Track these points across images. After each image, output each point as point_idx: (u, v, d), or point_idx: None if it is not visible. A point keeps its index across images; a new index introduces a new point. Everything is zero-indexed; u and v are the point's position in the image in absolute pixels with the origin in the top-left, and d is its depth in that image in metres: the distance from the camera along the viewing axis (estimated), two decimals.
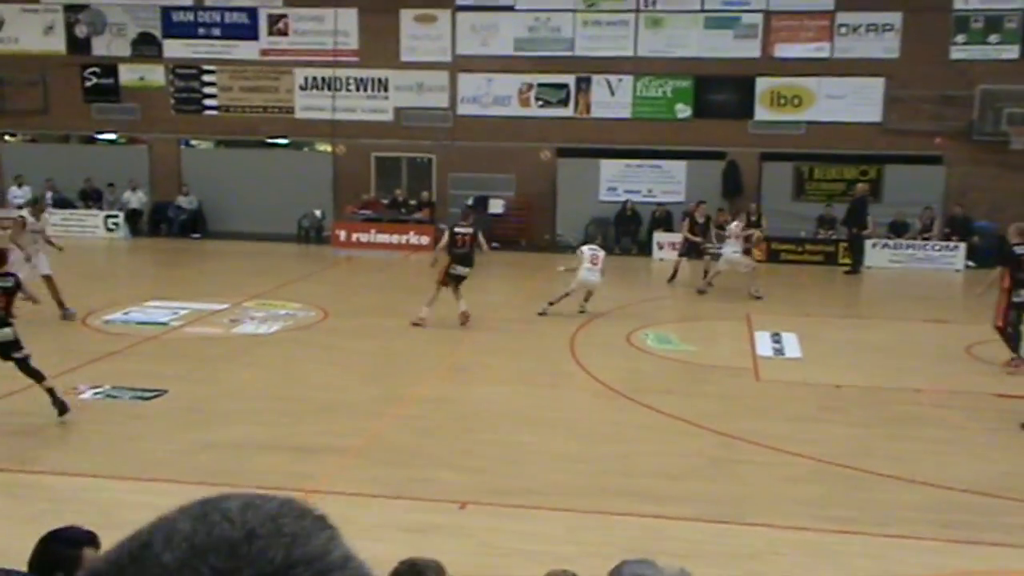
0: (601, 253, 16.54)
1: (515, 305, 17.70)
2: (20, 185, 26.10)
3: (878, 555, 7.54)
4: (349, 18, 25.97)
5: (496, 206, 25.47)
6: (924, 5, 23.59)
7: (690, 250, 20.59)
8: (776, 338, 14.92)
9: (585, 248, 16.76)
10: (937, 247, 22.65)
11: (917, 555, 7.53)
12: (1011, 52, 23.46)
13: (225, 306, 16.52)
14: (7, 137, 28.28)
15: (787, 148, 24.69)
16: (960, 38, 23.64)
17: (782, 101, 24.58)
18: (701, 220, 20.73)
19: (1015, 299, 13.19)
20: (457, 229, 15.73)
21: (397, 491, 8.48)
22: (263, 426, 10.23)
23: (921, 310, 17.55)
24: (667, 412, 11.02)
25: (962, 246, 22.47)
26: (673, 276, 20.46)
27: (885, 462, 9.46)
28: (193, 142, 27.78)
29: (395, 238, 24.74)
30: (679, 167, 25.11)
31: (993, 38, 23.49)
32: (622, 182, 25.32)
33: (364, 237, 24.91)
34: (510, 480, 8.84)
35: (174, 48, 26.78)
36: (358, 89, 26.29)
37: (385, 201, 25.97)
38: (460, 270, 15.57)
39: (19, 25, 27.14)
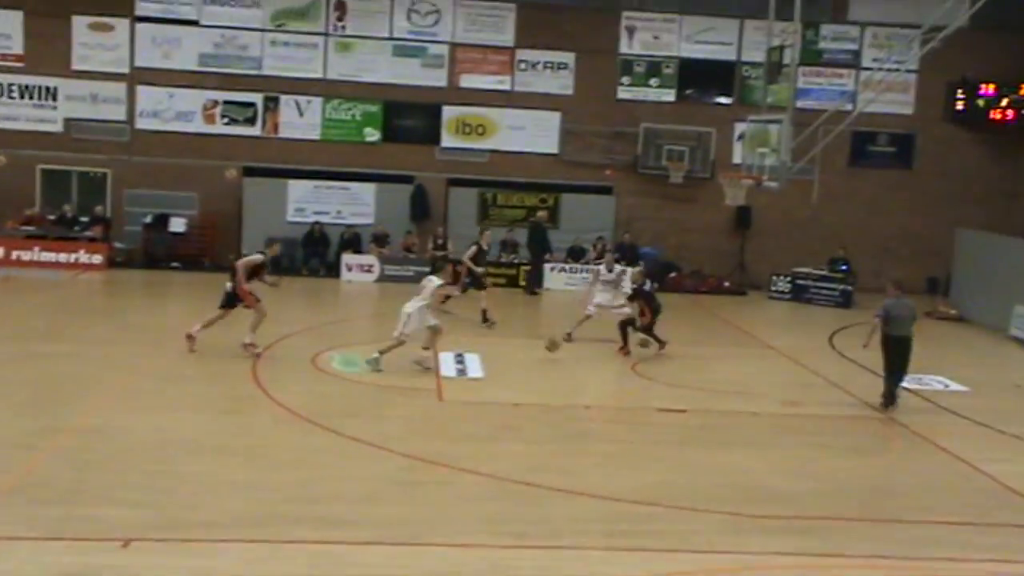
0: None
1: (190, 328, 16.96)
2: None
3: (549, 567, 7.90)
4: (12, 20, 23.99)
5: (177, 224, 24.39)
6: (594, 48, 25.30)
7: (471, 283, 19.27)
8: (459, 359, 15.32)
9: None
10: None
11: (586, 565, 7.95)
12: (669, 95, 25.68)
13: None
14: None
15: (472, 175, 25.55)
16: (625, 80, 25.58)
17: (467, 129, 25.42)
18: (487, 247, 19.63)
19: None
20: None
21: (52, 531, 7.83)
22: None
23: (594, 331, 18.63)
24: (350, 435, 10.98)
25: (628, 270, 24.10)
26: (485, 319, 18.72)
27: (557, 477, 9.95)
28: None
29: (63, 256, 23.00)
30: (368, 190, 25.25)
31: (654, 81, 25.61)
32: (311, 203, 25.06)
33: (26, 255, 22.95)
34: (181, 513, 8.42)
35: None
36: (22, 97, 24.30)
37: (52, 217, 24.09)
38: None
39: None
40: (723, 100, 25.83)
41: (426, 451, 10.55)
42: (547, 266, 23.96)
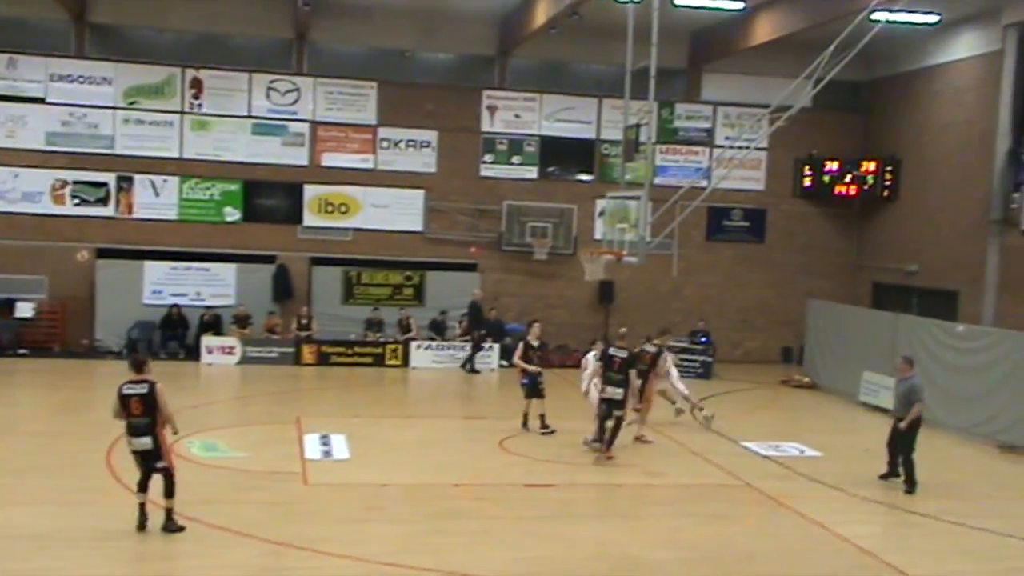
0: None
1: (42, 417, 16.18)
2: None
3: None
4: None
5: (25, 309, 23.33)
6: (456, 126, 25.70)
7: (533, 385, 16.45)
8: (325, 440, 15.02)
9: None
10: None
11: None
12: (531, 172, 26.22)
13: None
14: None
15: (336, 253, 25.36)
16: (488, 157, 26.02)
17: (330, 208, 25.30)
18: (536, 343, 16.86)
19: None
20: (612, 351, 14.78)
21: None
22: None
23: (461, 408, 18.62)
24: (211, 523, 10.58)
25: (496, 347, 24.27)
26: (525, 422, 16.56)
27: (426, 556, 9.81)
28: None
29: None
30: (229, 270, 24.74)
31: (516, 159, 26.13)
32: (168, 285, 24.37)
33: None
34: None
35: None
36: None
37: None
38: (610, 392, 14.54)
39: None
40: (584, 177, 26.52)
41: (291, 536, 10.25)
42: (413, 344, 23.87)
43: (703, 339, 24.89)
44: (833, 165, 26.78)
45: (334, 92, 25.19)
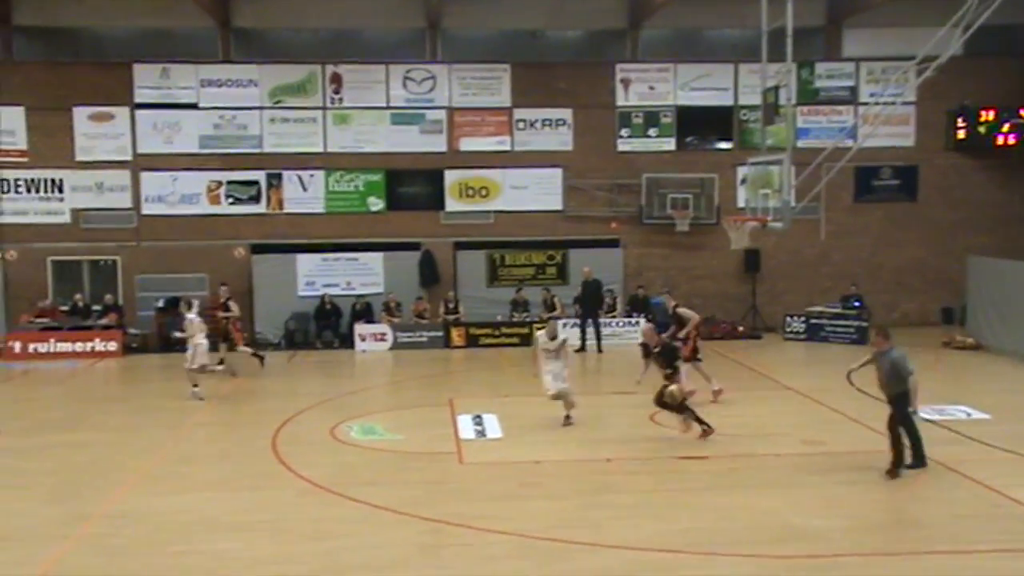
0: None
1: (211, 408, 17.00)
2: None
3: None
4: (15, 117, 24.43)
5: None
6: (591, 102, 25.59)
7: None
8: (478, 420, 15.27)
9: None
10: (621, 324, 24.16)
11: None
12: (669, 144, 25.88)
13: None
14: None
15: (478, 237, 25.68)
16: (624, 132, 25.82)
17: (470, 192, 25.63)
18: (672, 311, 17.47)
19: None
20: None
21: None
22: None
23: (609, 383, 18.59)
24: (373, 503, 10.93)
25: (643, 322, 24.08)
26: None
27: (581, 531, 9.87)
28: None
29: (78, 346, 23.12)
30: (376, 259, 25.40)
31: (652, 131, 25.85)
32: (320, 276, 25.21)
33: (42, 347, 23.09)
34: None
35: None
36: (29, 191, 24.66)
37: (65, 308, 24.28)
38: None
39: None
40: (723, 145, 26.03)
41: (448, 514, 10.48)
42: (559, 323, 23.90)
43: (855, 303, 24.13)
44: (989, 114, 25.43)
45: (468, 77, 25.47)
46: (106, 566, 9.12)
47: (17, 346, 23.05)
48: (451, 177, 25.57)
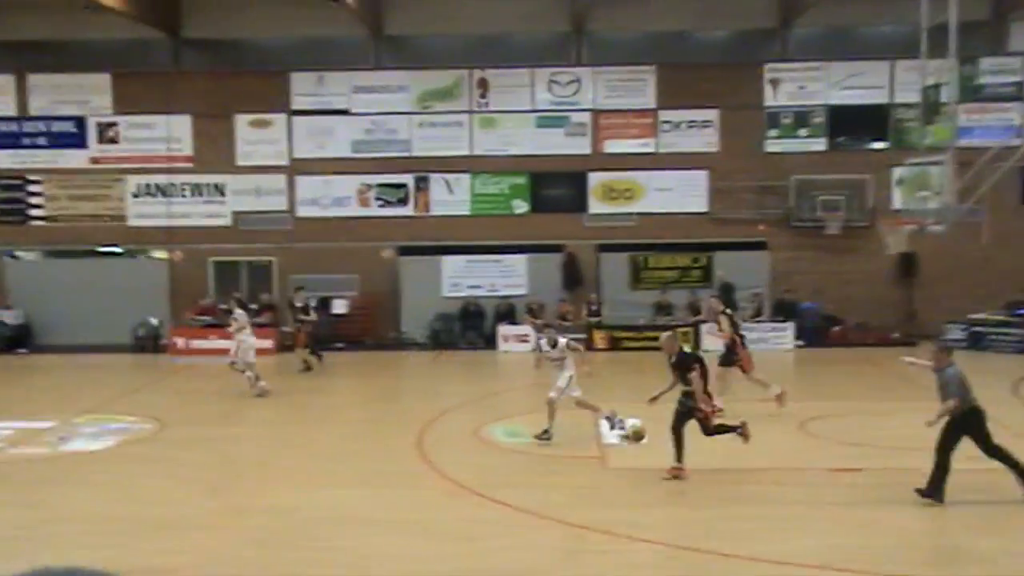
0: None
1: (359, 405, 17.45)
2: None
3: None
4: (182, 124, 25.67)
5: (340, 306, 25.28)
6: (738, 103, 25.11)
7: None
8: (621, 425, 15.15)
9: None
10: (768, 328, 23.64)
11: None
12: (819, 144, 25.16)
13: (52, 423, 15.67)
14: None
15: (621, 239, 25.55)
16: (773, 132, 25.23)
17: (614, 194, 25.53)
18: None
19: None
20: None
21: None
22: (91, 549, 9.66)
23: (758, 389, 18.14)
24: (517, 506, 10.99)
25: (791, 326, 23.54)
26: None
27: (726, 542, 9.67)
28: (17, 253, 26.58)
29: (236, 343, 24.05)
30: (519, 261, 25.59)
31: (802, 132, 25.17)
32: (464, 278, 25.59)
33: (203, 343, 24.19)
34: None
35: None
36: (194, 194, 25.87)
37: (224, 306, 25.34)
38: None
39: None
40: (877, 145, 25.13)
41: (592, 519, 10.44)
42: (703, 326, 23.56)
43: (1021, 311, 22.88)
44: None
45: (613, 79, 25.39)
46: (259, 558, 9.46)
47: (180, 342, 24.24)
48: (595, 179, 25.54)
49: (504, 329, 24.33)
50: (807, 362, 22.40)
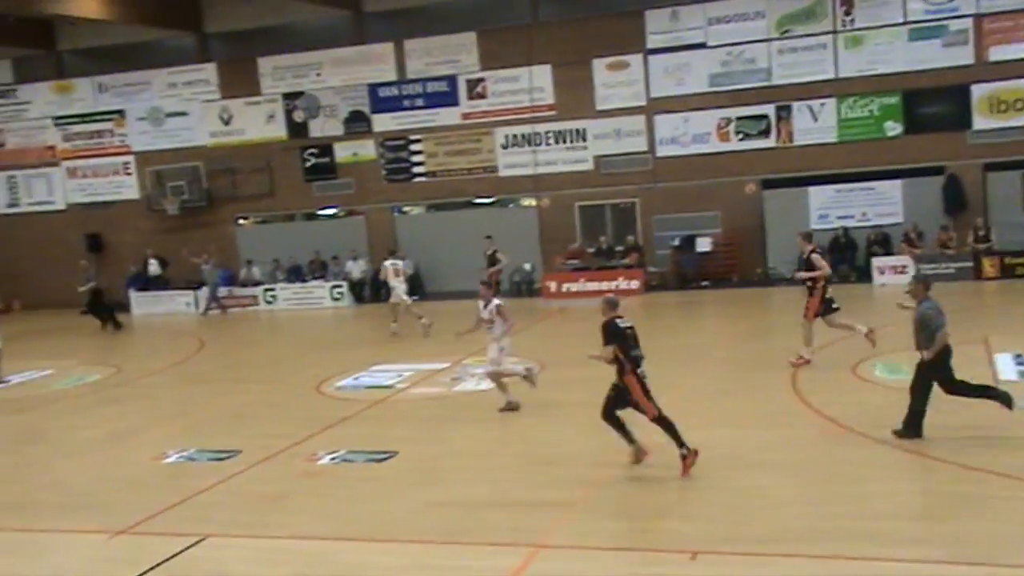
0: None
1: (727, 345, 17.31)
2: (251, 265, 28.68)
3: None
4: (543, 74, 26.53)
5: (703, 244, 25.21)
6: None
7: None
8: (1020, 360, 13.89)
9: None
10: None
11: None
12: None
13: (446, 365, 17.00)
14: (240, 221, 30.41)
15: (1014, 156, 23.16)
16: None
17: (1003, 107, 23.15)
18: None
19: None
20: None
21: (625, 543, 8.40)
22: (488, 483, 10.41)
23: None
24: (901, 447, 10.42)
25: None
26: None
27: None
28: (405, 208, 28.97)
29: (605, 285, 24.74)
30: (894, 187, 24.04)
31: None
32: (833, 208, 24.48)
33: (574, 287, 25.14)
34: (739, 527, 8.56)
35: (382, 122, 28.17)
36: (557, 142, 26.74)
37: (591, 250, 26.15)
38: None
39: (245, 117, 29.30)
40: None
41: (990, 462, 9.64)
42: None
43: None
44: None
45: None
46: (641, 494, 9.73)
47: (553, 285, 25.35)
48: (979, 91, 23.26)
49: (879, 261, 23.01)
50: None
